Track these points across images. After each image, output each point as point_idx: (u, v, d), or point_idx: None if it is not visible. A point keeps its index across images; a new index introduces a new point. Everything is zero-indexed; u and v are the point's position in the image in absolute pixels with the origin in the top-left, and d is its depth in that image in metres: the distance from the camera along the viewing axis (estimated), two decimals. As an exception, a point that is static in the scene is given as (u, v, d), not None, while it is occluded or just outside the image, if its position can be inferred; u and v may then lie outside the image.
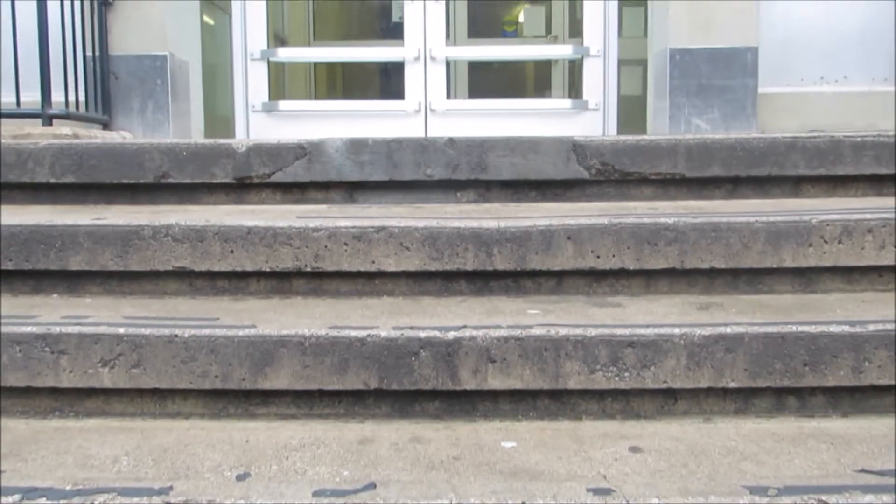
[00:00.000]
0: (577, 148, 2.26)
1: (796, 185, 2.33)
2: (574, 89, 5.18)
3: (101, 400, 1.69)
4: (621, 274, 1.97)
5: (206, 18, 4.71)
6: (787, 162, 2.28)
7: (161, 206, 2.25)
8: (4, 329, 1.64)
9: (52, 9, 3.55)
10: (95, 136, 3.64)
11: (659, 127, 4.24)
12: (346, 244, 1.91)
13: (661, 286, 1.99)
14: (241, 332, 1.63)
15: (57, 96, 3.61)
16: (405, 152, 2.24)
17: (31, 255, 1.92)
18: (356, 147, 2.24)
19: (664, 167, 2.27)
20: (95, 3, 3.93)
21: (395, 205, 2.26)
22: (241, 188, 2.27)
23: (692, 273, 1.98)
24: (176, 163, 2.22)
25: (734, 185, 2.32)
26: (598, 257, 1.94)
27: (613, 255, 1.94)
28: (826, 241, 1.95)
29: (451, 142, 2.24)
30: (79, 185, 2.24)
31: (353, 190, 2.28)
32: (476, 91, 6.41)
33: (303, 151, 2.23)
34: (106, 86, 4.00)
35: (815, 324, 1.66)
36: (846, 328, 1.64)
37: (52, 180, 2.22)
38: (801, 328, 1.64)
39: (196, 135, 4.39)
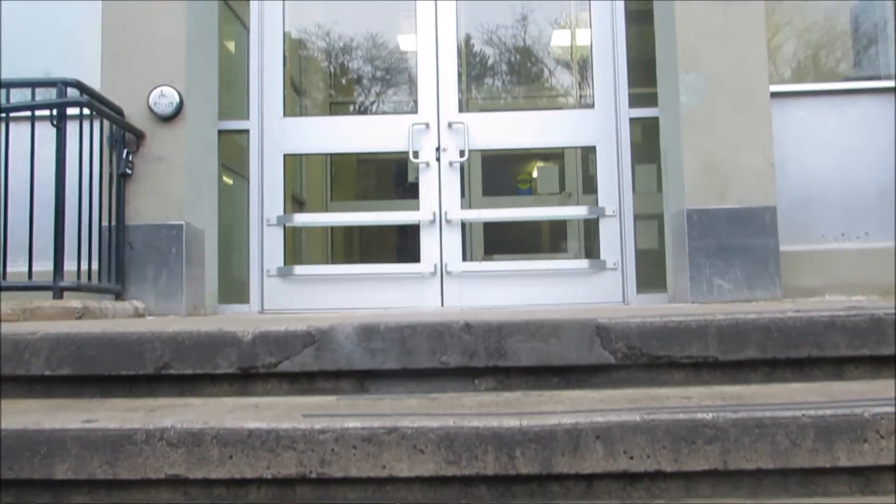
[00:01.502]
0: (601, 331, 2.13)
1: (838, 366, 2.17)
2: (591, 245, 5.13)
3: None
4: (658, 476, 1.79)
5: (224, 178, 4.77)
6: (827, 342, 2.13)
7: (160, 400, 2.11)
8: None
9: (72, 176, 3.61)
10: (105, 308, 3.57)
11: (680, 287, 4.14)
12: (354, 447, 1.76)
13: (702, 489, 1.80)
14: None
15: (70, 265, 3.59)
16: (419, 338, 2.12)
17: (14, 463, 1.78)
18: (367, 334, 2.12)
19: (695, 350, 2.13)
20: (115, 175, 3.98)
21: (408, 395, 2.11)
22: (246, 378, 2.14)
23: (736, 474, 1.80)
24: (178, 352, 2.11)
25: (771, 367, 2.17)
26: (632, 458, 1.77)
27: (648, 456, 1.76)
28: (882, 437, 1.78)
29: (468, 327, 2.13)
30: (75, 377, 2.13)
31: (364, 379, 2.15)
32: (492, 246, 6.41)
33: (311, 339, 2.12)
34: (121, 255, 3.99)
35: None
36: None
37: (48, 373, 2.11)
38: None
39: (210, 301, 4.33)
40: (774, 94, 4.18)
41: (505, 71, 6.80)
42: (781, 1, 4.55)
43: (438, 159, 4.62)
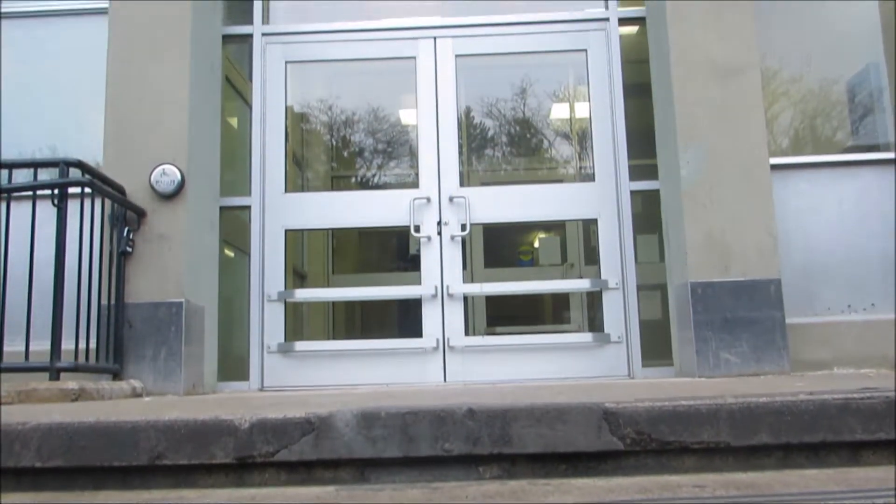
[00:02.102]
0: (608, 416, 2.07)
1: (855, 451, 2.11)
2: (594, 314, 5.09)
3: None
4: (672, 573, 1.71)
5: (226, 251, 4.76)
6: (843, 426, 2.07)
7: (154, 492, 2.04)
8: None
9: (72, 255, 3.59)
10: (102, 389, 3.51)
11: (686, 361, 4.08)
12: (354, 544, 1.68)
13: (719, 587, 1.72)
14: None
15: (68, 343, 3.55)
16: (421, 425, 2.06)
17: (-1, 565, 1.71)
18: (368, 420, 2.06)
19: (706, 435, 2.07)
20: (115, 253, 3.96)
21: (410, 484, 2.04)
22: (243, 468, 2.07)
23: (754, 571, 1.72)
24: (173, 442, 2.05)
25: (786, 453, 2.10)
26: (644, 554, 1.69)
27: (661, 552, 1.69)
28: (906, 530, 1.70)
29: (472, 412, 2.07)
30: (67, 468, 2.06)
31: (364, 467, 2.08)
32: (495, 317, 6.36)
33: (310, 426, 2.06)
34: (119, 334, 3.94)
35: None
36: None
37: (39, 464, 2.05)
38: None
39: (209, 378, 4.27)
40: (775, 167, 4.20)
41: (505, 142, 6.88)
42: (778, 72, 4.61)
43: (440, 233, 4.61)
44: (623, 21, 4.78)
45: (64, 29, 4.66)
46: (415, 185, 4.75)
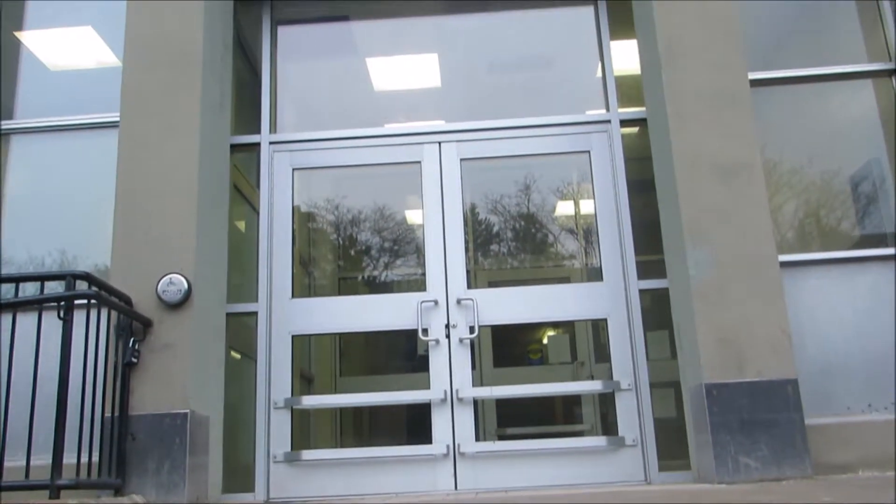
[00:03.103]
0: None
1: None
2: (606, 411, 4.98)
3: None
4: None
5: (232, 352, 4.71)
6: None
7: None
8: None
9: (76, 366, 3.54)
10: (102, 509, 3.41)
11: (704, 465, 3.96)
12: None
13: None
14: None
15: (69, 456, 3.47)
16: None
17: None
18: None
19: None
20: (120, 364, 3.92)
21: None
22: None
23: None
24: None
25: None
26: None
27: None
28: None
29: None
30: None
31: None
32: (506, 418, 6.23)
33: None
34: (122, 447, 3.86)
35: None
36: None
37: None
38: None
39: (213, 490, 4.16)
40: (784, 264, 4.18)
41: (510, 237, 6.90)
42: (778, 163, 4.65)
43: (448, 336, 4.56)
44: (625, 123, 4.86)
45: (76, 141, 4.76)
46: (421, 285, 4.74)
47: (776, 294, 4.03)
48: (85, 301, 3.63)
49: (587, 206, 5.37)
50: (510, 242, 6.88)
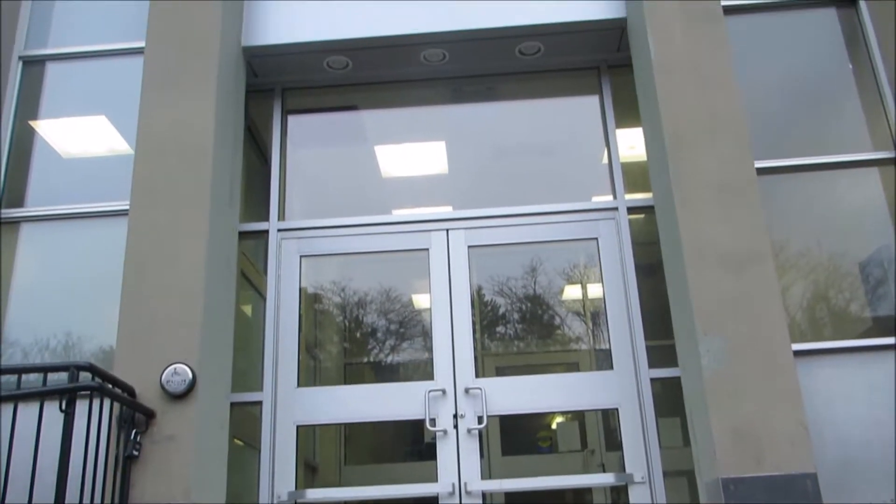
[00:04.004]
0: None
1: None
2: (617, 499, 4.83)
3: None
4: None
5: (235, 440, 4.61)
6: None
7: None
8: None
9: (76, 458, 3.46)
10: None
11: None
12: None
13: None
14: None
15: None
16: None
17: None
18: None
19: None
20: (122, 456, 3.83)
21: None
22: None
23: None
24: None
25: None
26: None
27: None
28: None
29: None
30: None
31: None
32: (515, 507, 6.03)
33: None
34: (119, 545, 3.73)
35: None
36: None
37: None
38: None
39: (211, 592, 4.00)
40: (798, 353, 4.11)
41: (517, 319, 6.84)
42: (785, 245, 4.62)
43: (456, 427, 4.48)
44: (632, 210, 4.87)
45: (85, 229, 4.78)
46: (428, 372, 4.68)
47: (792, 385, 3.94)
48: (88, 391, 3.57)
49: (595, 289, 5.34)
50: (517, 324, 6.82)
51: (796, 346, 4.12)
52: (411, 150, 5.40)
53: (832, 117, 4.89)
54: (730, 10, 5.02)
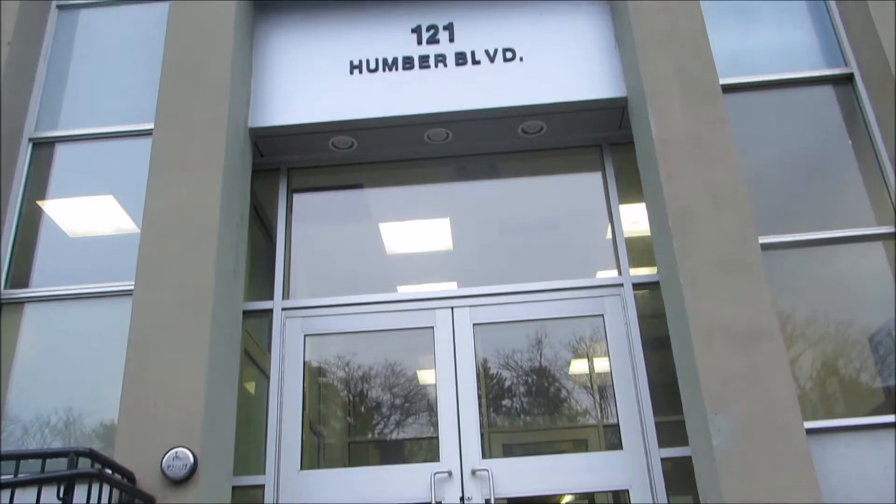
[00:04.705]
0: None
1: None
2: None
3: None
4: None
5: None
6: None
7: None
8: None
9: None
10: None
11: None
12: None
13: None
14: None
15: None
16: None
17: None
18: None
19: None
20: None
21: None
22: None
23: None
24: None
25: None
26: None
27: None
28: None
29: None
30: None
31: None
32: None
33: None
34: None
35: None
36: None
37: None
38: None
39: None
40: (811, 431, 4.04)
41: (523, 392, 6.74)
42: (791, 315, 4.58)
43: (463, 510, 4.37)
44: (637, 286, 4.86)
45: (89, 308, 4.77)
46: (434, 450, 4.59)
47: (804, 463, 3.86)
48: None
49: (602, 363, 5.29)
50: (523, 398, 6.73)
51: (808, 424, 4.05)
52: (416, 228, 5.42)
53: (834, 192, 4.91)
54: (728, 89, 5.10)
